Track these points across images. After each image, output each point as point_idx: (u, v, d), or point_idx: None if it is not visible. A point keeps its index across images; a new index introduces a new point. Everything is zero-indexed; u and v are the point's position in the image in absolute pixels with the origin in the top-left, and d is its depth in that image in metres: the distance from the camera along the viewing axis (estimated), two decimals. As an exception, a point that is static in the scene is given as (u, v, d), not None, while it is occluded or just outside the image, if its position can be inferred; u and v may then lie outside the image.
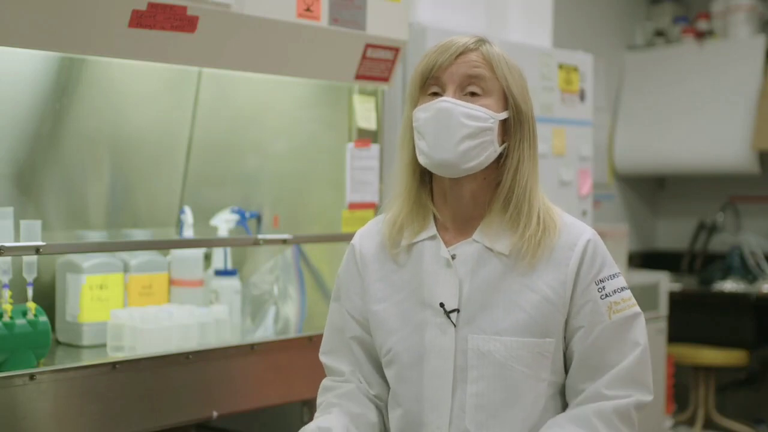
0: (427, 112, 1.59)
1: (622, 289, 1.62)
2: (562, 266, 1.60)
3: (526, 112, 1.61)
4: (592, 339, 1.59)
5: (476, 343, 1.58)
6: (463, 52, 1.59)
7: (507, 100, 1.60)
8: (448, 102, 1.57)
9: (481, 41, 1.62)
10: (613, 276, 1.62)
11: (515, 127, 1.61)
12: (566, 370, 1.64)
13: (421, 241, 1.66)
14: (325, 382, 1.76)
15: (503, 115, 1.60)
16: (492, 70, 1.59)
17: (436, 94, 1.60)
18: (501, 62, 1.60)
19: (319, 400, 1.74)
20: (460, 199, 1.63)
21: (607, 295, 1.60)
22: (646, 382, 1.60)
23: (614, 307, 1.60)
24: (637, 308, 1.63)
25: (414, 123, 1.61)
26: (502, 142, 1.61)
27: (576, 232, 1.63)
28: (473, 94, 1.58)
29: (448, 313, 1.60)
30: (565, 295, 1.59)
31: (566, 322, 1.60)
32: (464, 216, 1.64)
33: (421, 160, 1.61)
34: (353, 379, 1.72)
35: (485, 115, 1.57)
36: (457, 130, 1.56)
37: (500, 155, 1.62)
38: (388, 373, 1.68)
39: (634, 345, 1.60)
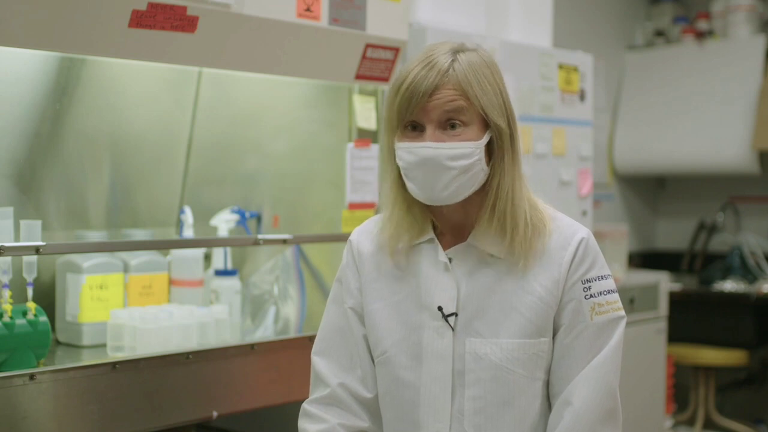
0: (411, 155, 1.56)
1: (609, 291, 1.62)
2: (556, 266, 1.60)
3: (504, 128, 1.58)
4: (570, 338, 1.59)
5: (473, 347, 1.59)
6: (437, 87, 1.54)
7: (487, 122, 1.58)
8: (430, 148, 1.54)
9: (454, 59, 1.56)
10: (602, 277, 1.62)
11: (497, 145, 1.59)
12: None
13: (419, 244, 1.66)
14: (305, 407, 1.73)
15: (486, 137, 1.57)
16: (467, 98, 1.55)
17: (416, 128, 1.57)
18: (473, 84, 1.55)
19: (301, 427, 1.72)
20: (453, 212, 1.63)
21: (591, 296, 1.60)
22: (611, 388, 1.59)
23: (597, 308, 1.60)
24: (622, 312, 1.63)
25: (398, 161, 1.59)
26: (490, 159, 1.59)
27: (570, 232, 1.63)
28: (454, 126, 1.55)
29: (446, 317, 1.60)
30: (557, 294, 1.59)
31: (553, 319, 1.61)
32: (459, 225, 1.64)
33: (414, 196, 1.59)
34: (337, 395, 1.69)
35: (469, 150, 1.55)
36: (445, 174, 1.54)
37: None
38: (381, 373, 1.68)
39: (607, 349, 1.59)
